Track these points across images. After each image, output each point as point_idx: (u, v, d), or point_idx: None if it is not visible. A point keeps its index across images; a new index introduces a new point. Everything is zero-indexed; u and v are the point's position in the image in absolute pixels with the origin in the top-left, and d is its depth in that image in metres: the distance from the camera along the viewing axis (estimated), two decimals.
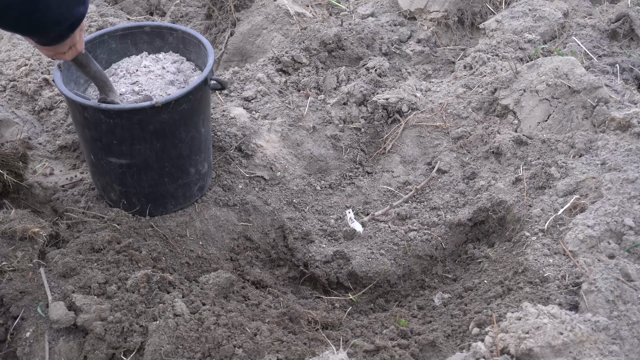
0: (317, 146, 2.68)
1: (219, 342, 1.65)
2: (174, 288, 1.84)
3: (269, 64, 2.98)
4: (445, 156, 2.56)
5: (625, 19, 3.01)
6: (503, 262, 2.08)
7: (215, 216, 2.31)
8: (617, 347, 1.50)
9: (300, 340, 1.76)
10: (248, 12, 3.39)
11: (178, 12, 3.71)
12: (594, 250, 1.86)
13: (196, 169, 2.22)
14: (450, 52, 3.24)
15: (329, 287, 2.30)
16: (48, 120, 2.70)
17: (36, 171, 2.37)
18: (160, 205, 2.22)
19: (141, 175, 2.12)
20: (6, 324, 1.70)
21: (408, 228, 2.37)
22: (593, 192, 2.08)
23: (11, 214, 1.93)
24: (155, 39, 2.35)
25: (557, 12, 3.16)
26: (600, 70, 2.76)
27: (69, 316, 1.65)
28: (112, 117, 1.94)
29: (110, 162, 2.08)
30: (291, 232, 2.37)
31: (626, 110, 2.33)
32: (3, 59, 3.00)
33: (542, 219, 2.11)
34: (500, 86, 2.64)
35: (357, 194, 2.59)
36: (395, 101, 2.72)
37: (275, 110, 2.73)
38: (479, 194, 2.39)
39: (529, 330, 1.48)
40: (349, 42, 3.07)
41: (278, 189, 2.50)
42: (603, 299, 1.66)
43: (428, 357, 1.76)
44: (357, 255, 2.30)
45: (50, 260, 1.84)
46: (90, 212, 2.18)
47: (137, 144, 2.03)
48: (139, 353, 1.63)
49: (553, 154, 2.35)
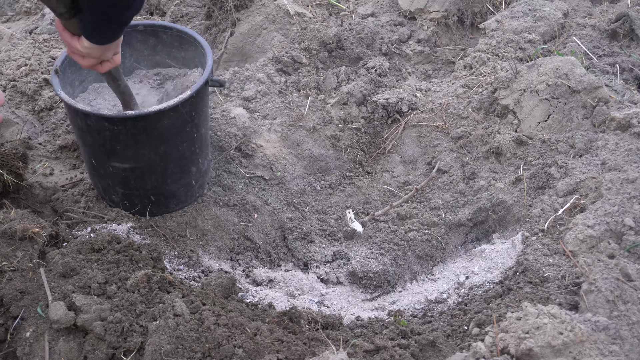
0: (317, 146, 2.68)
1: (219, 342, 1.65)
2: (174, 288, 1.84)
3: (269, 64, 2.98)
4: (445, 156, 2.56)
5: (625, 19, 3.01)
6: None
7: (215, 216, 2.31)
8: (617, 347, 1.50)
9: (300, 340, 1.75)
10: (248, 12, 3.38)
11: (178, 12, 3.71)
12: (594, 250, 1.87)
13: (197, 168, 2.22)
14: (450, 52, 3.24)
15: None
16: (48, 120, 2.70)
17: (36, 171, 2.37)
18: (162, 204, 2.22)
19: (145, 178, 2.12)
20: (6, 324, 1.70)
21: (408, 228, 2.37)
22: (593, 192, 2.08)
23: (11, 214, 1.93)
24: (149, 38, 2.34)
25: (557, 12, 3.16)
26: (600, 70, 2.76)
27: (69, 316, 1.65)
28: (116, 124, 1.94)
29: (113, 167, 2.08)
30: (291, 232, 2.37)
31: (626, 110, 2.33)
32: (3, 59, 3.00)
33: (542, 219, 2.11)
34: (500, 86, 2.64)
35: (357, 194, 2.59)
36: (395, 101, 2.72)
37: (275, 110, 2.73)
38: (479, 194, 2.39)
39: (529, 330, 1.48)
40: (349, 42, 3.07)
41: (278, 189, 2.50)
42: (603, 299, 1.66)
43: (428, 357, 1.76)
44: (357, 255, 2.30)
45: (50, 260, 1.84)
46: (90, 212, 2.18)
47: (142, 148, 2.03)
48: (139, 353, 1.63)
49: (553, 154, 2.35)
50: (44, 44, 3.10)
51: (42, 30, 3.32)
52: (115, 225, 2.10)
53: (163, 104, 1.95)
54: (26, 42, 3.11)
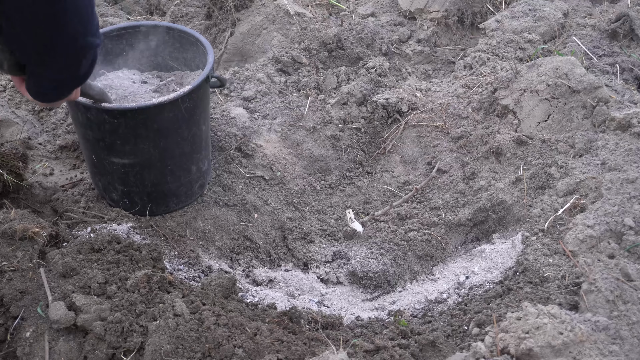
0: (317, 146, 2.68)
1: (219, 342, 1.65)
2: (174, 288, 1.84)
3: (269, 64, 2.98)
4: (445, 156, 2.56)
5: (625, 19, 3.01)
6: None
7: (215, 216, 2.31)
8: (617, 347, 1.50)
9: (300, 340, 1.75)
10: (248, 12, 3.39)
11: (178, 12, 3.71)
12: (594, 250, 1.86)
13: (197, 167, 2.22)
14: (450, 52, 3.24)
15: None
16: (48, 120, 2.70)
17: (36, 171, 2.36)
18: (162, 204, 2.22)
19: (144, 174, 2.13)
20: (6, 324, 1.70)
21: (408, 228, 2.37)
22: (593, 192, 2.08)
23: (11, 214, 1.93)
24: (150, 39, 2.34)
25: (557, 12, 3.16)
26: (600, 70, 2.76)
27: (69, 316, 1.65)
28: (116, 117, 1.94)
29: (112, 162, 2.08)
30: (291, 232, 2.37)
31: (626, 110, 2.33)
32: None
33: (542, 219, 2.11)
34: (500, 86, 2.64)
35: (357, 194, 2.59)
36: (395, 101, 2.72)
37: (275, 110, 2.73)
38: (479, 194, 2.39)
39: (529, 330, 1.48)
40: (349, 42, 3.07)
41: (278, 189, 2.50)
42: (603, 299, 1.66)
43: (428, 357, 1.76)
44: (357, 255, 2.30)
45: (50, 260, 1.84)
46: (90, 212, 2.18)
47: (141, 143, 2.03)
48: (139, 353, 1.63)
49: (553, 154, 2.35)
50: None
51: None
52: (115, 225, 2.10)
53: (163, 97, 1.95)
54: None
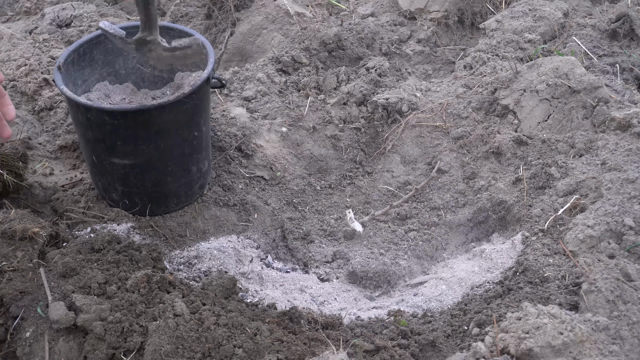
0: (317, 146, 2.68)
1: (219, 342, 1.65)
2: (174, 288, 1.84)
3: (269, 63, 2.98)
4: (445, 156, 2.56)
5: (625, 19, 3.01)
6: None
7: (215, 216, 2.31)
8: (617, 347, 1.50)
9: (300, 340, 1.75)
10: (248, 12, 3.39)
11: (178, 12, 3.71)
12: (594, 250, 1.87)
13: (197, 167, 2.22)
14: (450, 52, 3.24)
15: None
16: (48, 120, 2.70)
17: (36, 171, 2.37)
18: (163, 204, 2.22)
19: (144, 175, 2.13)
20: (6, 324, 1.70)
21: (408, 228, 2.38)
22: (593, 192, 2.08)
23: (11, 214, 1.93)
24: None
25: (557, 12, 3.16)
26: (600, 70, 2.76)
27: (69, 316, 1.65)
28: (116, 118, 1.94)
29: (113, 163, 2.08)
30: (291, 232, 2.37)
31: (626, 110, 2.33)
32: (3, 59, 2.99)
33: (542, 219, 2.11)
34: (500, 86, 2.64)
35: (357, 194, 2.59)
36: (395, 101, 2.72)
37: (275, 110, 2.73)
38: (479, 194, 2.39)
39: (529, 330, 1.48)
40: (349, 42, 3.07)
41: (278, 189, 2.50)
42: (603, 299, 1.66)
43: (428, 357, 1.76)
44: (357, 255, 2.30)
45: (50, 260, 1.84)
46: (90, 212, 2.18)
47: (142, 144, 2.03)
48: (139, 353, 1.63)
49: (553, 154, 2.35)
50: (44, 44, 3.10)
51: (42, 30, 3.32)
52: (115, 225, 2.10)
53: (164, 98, 1.96)
54: (26, 42, 3.11)
